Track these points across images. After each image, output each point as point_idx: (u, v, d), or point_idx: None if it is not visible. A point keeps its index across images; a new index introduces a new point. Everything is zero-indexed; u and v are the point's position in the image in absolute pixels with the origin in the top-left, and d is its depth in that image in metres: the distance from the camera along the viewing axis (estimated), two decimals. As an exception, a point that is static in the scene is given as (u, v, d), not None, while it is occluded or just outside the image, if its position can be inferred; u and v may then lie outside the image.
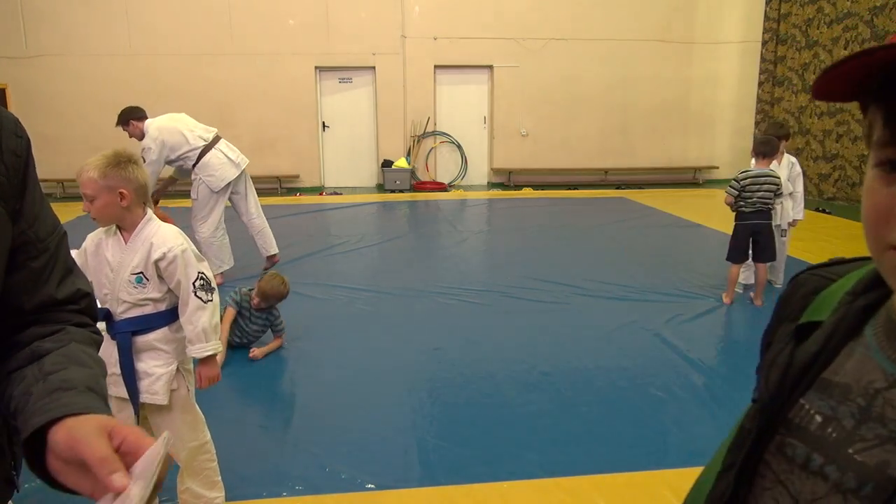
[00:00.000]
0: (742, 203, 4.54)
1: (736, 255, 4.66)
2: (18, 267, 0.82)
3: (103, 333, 1.56)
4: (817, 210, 8.57)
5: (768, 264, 4.76)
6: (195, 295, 1.98)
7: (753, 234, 4.57)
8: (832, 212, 8.73)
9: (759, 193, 4.49)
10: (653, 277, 5.38)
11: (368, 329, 4.26)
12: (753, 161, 4.76)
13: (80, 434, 0.67)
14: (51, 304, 0.86)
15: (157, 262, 1.96)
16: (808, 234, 4.78)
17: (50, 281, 0.85)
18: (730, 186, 4.59)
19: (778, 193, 4.56)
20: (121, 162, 1.94)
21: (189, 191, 5.34)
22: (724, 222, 7.96)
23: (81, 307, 0.90)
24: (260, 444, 2.78)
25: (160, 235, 1.99)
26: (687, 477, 2.84)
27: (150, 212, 2.03)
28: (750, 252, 4.65)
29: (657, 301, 4.76)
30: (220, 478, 2.26)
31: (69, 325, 0.87)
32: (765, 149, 4.61)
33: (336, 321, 4.41)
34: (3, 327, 0.82)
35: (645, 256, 6.28)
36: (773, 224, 4.71)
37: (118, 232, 2.01)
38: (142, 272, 1.97)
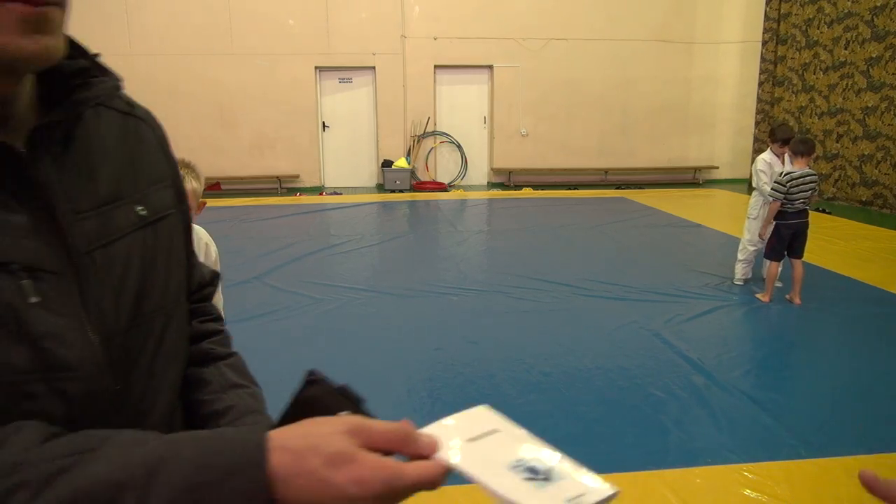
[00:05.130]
0: (788, 205, 4.59)
1: (776, 253, 4.74)
2: None
3: None
4: (817, 210, 8.56)
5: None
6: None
7: (794, 234, 4.66)
8: (832, 212, 8.72)
9: (803, 193, 4.57)
10: (653, 277, 5.38)
11: (368, 329, 4.26)
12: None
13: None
14: (203, 285, 0.86)
15: (207, 245, 2.17)
16: (808, 234, 4.79)
17: (197, 262, 0.86)
18: (774, 191, 4.59)
19: (815, 190, 4.65)
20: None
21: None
22: (723, 222, 7.98)
23: (215, 288, 0.91)
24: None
25: (197, 233, 2.11)
26: (687, 477, 2.81)
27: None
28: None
29: (657, 301, 4.76)
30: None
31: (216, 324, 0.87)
32: (804, 148, 4.64)
33: (336, 321, 4.41)
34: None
35: (645, 256, 6.28)
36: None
37: None
38: None
